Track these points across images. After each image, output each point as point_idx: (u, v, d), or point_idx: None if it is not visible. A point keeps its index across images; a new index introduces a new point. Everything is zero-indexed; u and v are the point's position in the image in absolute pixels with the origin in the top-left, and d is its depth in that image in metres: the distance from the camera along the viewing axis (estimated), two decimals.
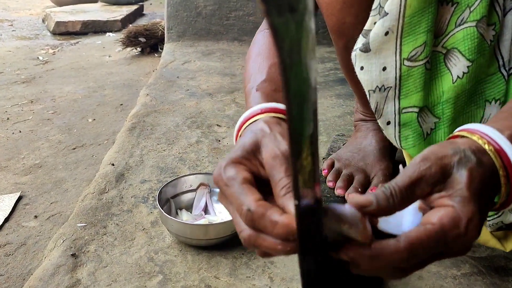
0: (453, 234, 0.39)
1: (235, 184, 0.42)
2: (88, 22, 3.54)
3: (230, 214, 0.45)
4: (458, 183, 0.40)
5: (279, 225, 0.38)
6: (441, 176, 0.41)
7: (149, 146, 1.17)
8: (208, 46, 2.14)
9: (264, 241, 0.40)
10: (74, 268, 0.74)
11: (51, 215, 1.15)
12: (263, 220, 0.39)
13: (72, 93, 2.09)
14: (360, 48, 0.65)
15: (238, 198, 0.41)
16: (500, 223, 0.68)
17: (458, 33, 0.62)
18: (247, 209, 0.40)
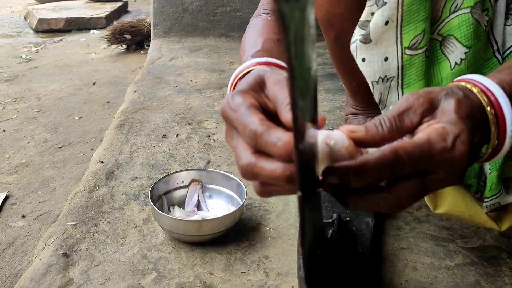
0: (439, 147, 0.39)
1: (242, 108, 0.42)
2: (71, 19, 3.48)
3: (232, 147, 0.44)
4: (446, 110, 0.41)
5: (281, 141, 0.37)
6: (428, 106, 0.42)
7: (139, 143, 1.16)
8: (195, 42, 2.13)
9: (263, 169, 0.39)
10: (66, 267, 0.73)
11: (39, 215, 1.13)
12: (266, 136, 0.38)
13: (57, 91, 2.05)
14: (360, 40, 0.65)
15: (243, 119, 0.41)
16: (497, 204, 0.69)
17: (453, 20, 0.62)
18: (250, 128, 0.39)
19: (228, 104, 0.43)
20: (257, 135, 0.38)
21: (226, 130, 0.45)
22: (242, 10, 2.10)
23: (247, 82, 0.45)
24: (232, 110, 0.42)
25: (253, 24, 0.77)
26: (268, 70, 0.47)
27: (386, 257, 0.77)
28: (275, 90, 0.43)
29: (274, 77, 0.45)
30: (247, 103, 0.42)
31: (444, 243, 0.80)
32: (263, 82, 0.45)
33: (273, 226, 0.84)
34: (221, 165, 1.06)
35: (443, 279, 0.72)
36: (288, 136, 0.37)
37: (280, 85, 0.43)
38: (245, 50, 0.67)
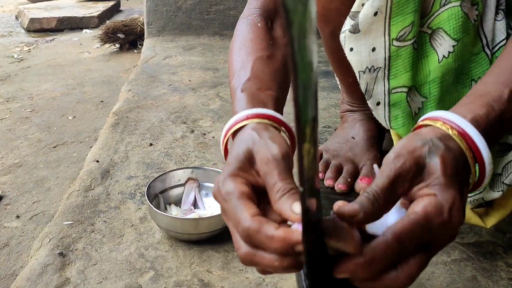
0: (438, 222, 0.39)
1: (232, 199, 0.42)
2: (63, 19, 3.46)
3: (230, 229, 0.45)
4: (434, 172, 0.42)
5: (275, 240, 0.38)
6: (416, 169, 0.42)
7: (134, 142, 1.15)
8: (189, 41, 2.12)
9: (262, 259, 0.40)
10: (62, 266, 0.72)
11: (34, 215, 1.12)
12: (259, 235, 0.39)
13: (50, 91, 2.04)
14: (349, 30, 0.65)
15: (235, 214, 0.41)
16: (481, 199, 0.69)
17: (443, 13, 0.63)
18: (242, 226, 0.40)
19: (219, 192, 0.44)
20: (250, 234, 0.39)
21: (221, 210, 0.46)
22: (236, 8, 2.10)
23: (236, 158, 0.46)
24: (223, 199, 0.43)
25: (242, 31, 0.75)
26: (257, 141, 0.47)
27: None
28: (264, 171, 0.44)
29: (263, 154, 0.45)
30: (238, 192, 0.43)
31: None
32: (252, 157, 0.46)
33: None
34: (217, 163, 1.06)
35: (440, 274, 0.72)
36: (282, 232, 0.38)
37: (268, 165, 0.44)
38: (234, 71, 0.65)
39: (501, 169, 0.66)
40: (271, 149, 0.45)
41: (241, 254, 0.42)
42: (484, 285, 0.70)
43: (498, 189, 0.66)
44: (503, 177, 0.66)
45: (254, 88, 0.60)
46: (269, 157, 0.44)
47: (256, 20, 0.76)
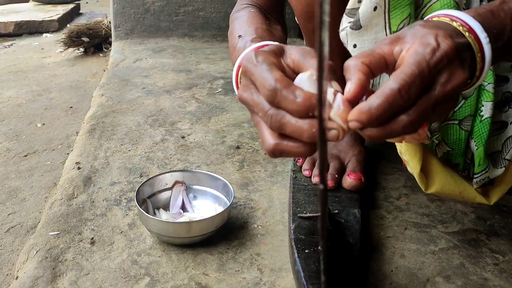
0: (428, 51, 0.41)
1: (264, 64, 0.44)
2: (21, 23, 3.34)
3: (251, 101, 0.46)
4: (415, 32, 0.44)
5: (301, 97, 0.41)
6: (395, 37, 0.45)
7: (113, 147, 1.13)
8: (158, 43, 2.09)
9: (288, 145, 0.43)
10: (53, 278, 0.70)
11: (11, 227, 1.08)
12: (285, 91, 0.41)
13: (14, 98, 1.96)
14: (350, 26, 0.66)
15: (264, 74, 0.43)
16: (487, 178, 0.72)
17: (435, 4, 0.65)
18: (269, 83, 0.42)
19: (251, 59, 0.46)
20: (277, 89, 0.42)
21: (244, 85, 0.48)
22: (205, 9, 2.09)
23: (267, 47, 0.48)
24: (254, 65, 0.45)
25: (238, 16, 0.79)
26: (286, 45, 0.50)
27: (374, 247, 0.79)
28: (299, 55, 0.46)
29: (296, 48, 0.48)
30: (269, 61, 0.45)
31: (427, 229, 0.83)
32: (283, 50, 0.48)
33: (260, 223, 0.85)
34: (200, 165, 1.05)
35: (430, 263, 0.75)
36: (308, 94, 0.40)
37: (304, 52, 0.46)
38: (237, 40, 0.69)
39: (501, 146, 0.69)
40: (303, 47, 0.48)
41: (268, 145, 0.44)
42: (472, 272, 0.73)
43: (501, 165, 0.69)
44: (504, 154, 0.69)
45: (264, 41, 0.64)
46: (304, 48, 0.47)
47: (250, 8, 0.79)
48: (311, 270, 0.66)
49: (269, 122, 0.43)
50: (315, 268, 0.67)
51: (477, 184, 0.73)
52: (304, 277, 0.65)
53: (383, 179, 0.99)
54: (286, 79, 0.42)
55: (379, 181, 0.98)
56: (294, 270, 0.69)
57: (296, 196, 0.84)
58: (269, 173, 1.02)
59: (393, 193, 0.94)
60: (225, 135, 1.20)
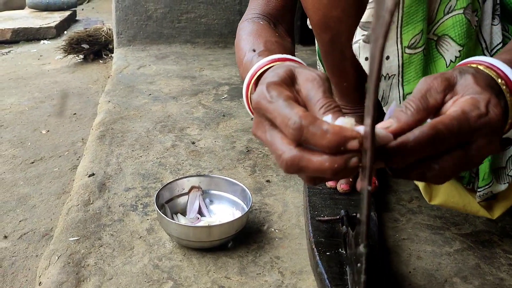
0: (475, 115, 0.41)
1: (280, 100, 0.41)
2: (19, 30, 3.33)
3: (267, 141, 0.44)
4: (467, 85, 0.44)
5: (330, 133, 0.37)
6: (447, 83, 0.44)
7: (125, 154, 1.13)
8: (161, 49, 2.10)
9: (310, 161, 0.39)
10: (78, 283, 0.71)
11: (23, 234, 1.08)
12: (313, 127, 0.38)
13: (16, 105, 1.96)
14: (363, 40, 0.68)
15: (284, 110, 0.40)
16: (490, 193, 0.74)
17: (447, 21, 0.67)
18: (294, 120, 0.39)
19: (264, 95, 0.43)
20: (303, 127, 0.38)
21: (257, 123, 0.45)
22: (207, 16, 2.10)
23: (277, 74, 0.45)
24: (269, 101, 0.42)
25: (246, 26, 0.78)
26: (297, 66, 0.47)
27: (391, 248, 0.80)
28: (308, 88, 0.44)
29: (306, 74, 0.45)
30: (284, 95, 0.42)
31: (440, 231, 0.85)
32: (294, 76, 0.46)
33: (277, 227, 0.86)
34: (213, 170, 1.06)
35: (447, 264, 0.76)
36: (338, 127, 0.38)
37: (313, 83, 0.44)
38: (245, 52, 0.68)
39: (505, 162, 0.70)
40: (314, 71, 0.45)
41: (286, 158, 0.40)
42: (488, 272, 0.75)
43: (504, 181, 0.70)
44: (508, 170, 0.70)
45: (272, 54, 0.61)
46: (313, 75, 0.44)
47: (258, 20, 0.79)
48: (333, 272, 0.67)
49: (284, 166, 0.41)
50: (338, 270, 0.68)
51: (480, 198, 0.74)
52: (327, 279, 0.66)
53: (394, 182, 1.01)
54: (309, 114, 0.39)
55: (390, 184, 1.00)
56: (316, 272, 0.70)
57: (312, 200, 0.85)
58: (282, 178, 1.03)
59: (404, 196, 0.96)
60: (234, 141, 1.22)
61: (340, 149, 0.38)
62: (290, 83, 0.45)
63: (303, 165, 0.40)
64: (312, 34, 1.09)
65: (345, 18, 0.77)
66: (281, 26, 0.84)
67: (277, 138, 0.42)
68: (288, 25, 0.87)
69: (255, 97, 0.44)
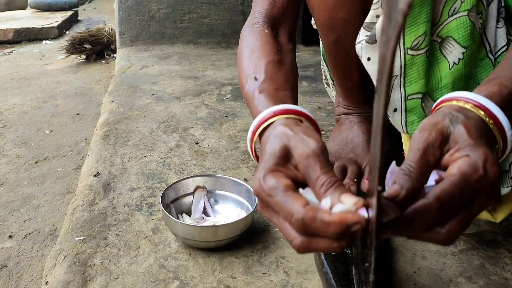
0: (475, 178, 0.42)
1: (279, 193, 0.44)
2: (21, 30, 3.34)
3: (275, 224, 0.46)
4: (460, 137, 0.45)
5: (332, 225, 0.40)
6: (442, 138, 0.46)
7: (129, 154, 1.14)
8: (163, 50, 2.11)
9: (319, 244, 0.42)
10: (84, 283, 0.71)
11: (28, 233, 1.09)
12: (314, 223, 0.41)
13: (19, 105, 1.97)
14: (366, 40, 0.68)
15: (285, 206, 0.43)
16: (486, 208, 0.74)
17: (451, 23, 0.67)
18: (297, 217, 0.41)
19: (262, 188, 0.45)
20: (305, 223, 0.41)
21: (261, 205, 0.47)
22: (210, 16, 2.11)
23: (273, 154, 0.47)
24: (268, 195, 0.44)
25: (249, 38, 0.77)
26: (292, 137, 0.48)
27: (395, 248, 0.80)
28: (305, 165, 0.45)
29: (301, 150, 0.46)
30: (282, 186, 0.44)
31: None
32: (289, 153, 0.47)
33: None
34: (217, 170, 1.07)
35: (452, 264, 0.77)
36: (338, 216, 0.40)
37: (308, 160, 0.45)
38: (248, 75, 0.68)
39: (508, 166, 0.71)
40: (309, 143, 0.46)
41: (297, 244, 0.43)
42: (492, 272, 0.75)
43: (507, 185, 0.71)
44: (511, 173, 0.71)
45: (272, 89, 0.63)
46: (308, 151, 0.46)
47: (262, 28, 0.79)
48: (339, 272, 0.68)
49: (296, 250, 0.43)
50: (343, 270, 0.68)
51: None
52: (333, 279, 0.67)
53: None
54: (311, 207, 0.41)
55: None
56: (322, 272, 0.70)
57: None
58: None
59: None
60: (238, 141, 1.22)
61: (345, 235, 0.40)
62: (285, 161, 0.47)
63: (313, 248, 0.43)
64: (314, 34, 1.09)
65: (351, 19, 0.77)
66: (284, 29, 0.83)
67: (285, 225, 0.44)
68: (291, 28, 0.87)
69: (254, 186, 0.46)
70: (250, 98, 0.63)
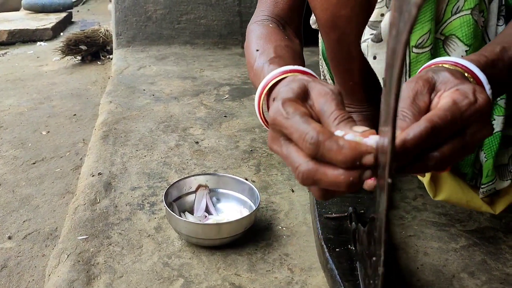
0: (465, 103, 0.44)
1: (297, 116, 0.43)
2: (15, 32, 3.32)
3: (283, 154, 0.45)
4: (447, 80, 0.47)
5: (345, 149, 0.39)
6: (428, 84, 0.48)
7: (129, 153, 1.14)
8: (160, 50, 2.11)
9: (325, 174, 0.41)
10: (89, 281, 0.71)
11: (27, 234, 1.08)
12: (328, 144, 0.40)
13: (15, 106, 1.96)
14: (372, 39, 0.69)
15: (301, 126, 0.42)
16: (493, 189, 0.75)
17: (454, 21, 0.68)
18: (311, 135, 0.40)
19: (280, 112, 0.44)
20: (319, 142, 0.40)
21: (272, 137, 0.47)
22: (206, 17, 2.11)
23: (291, 90, 0.47)
24: (285, 117, 0.44)
25: (255, 29, 0.79)
26: (311, 80, 0.49)
27: (398, 245, 0.81)
28: (321, 102, 0.46)
29: (319, 88, 0.47)
30: (301, 111, 0.44)
31: (446, 228, 0.86)
32: (307, 91, 0.48)
33: (284, 225, 0.87)
34: (217, 169, 1.07)
35: (454, 260, 0.77)
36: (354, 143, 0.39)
37: (325, 97, 0.46)
38: (255, 57, 0.69)
39: (507, 159, 0.71)
40: (327, 85, 0.47)
41: (303, 170, 0.41)
42: (494, 267, 0.76)
43: (507, 178, 0.71)
44: (510, 167, 0.72)
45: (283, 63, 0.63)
46: (326, 90, 0.46)
47: (268, 23, 0.79)
48: (344, 268, 0.68)
49: (300, 178, 0.42)
50: (348, 266, 0.69)
51: (483, 194, 0.76)
52: (338, 275, 0.67)
53: (398, 181, 1.01)
54: (326, 129, 0.41)
55: (394, 182, 1.01)
56: (327, 269, 0.71)
57: None
58: (286, 176, 1.04)
59: (409, 194, 0.97)
60: (238, 140, 1.22)
61: (356, 163, 0.39)
62: (304, 98, 0.47)
63: (318, 178, 0.41)
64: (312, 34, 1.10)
65: (354, 17, 0.78)
66: (289, 27, 0.84)
67: (293, 152, 0.43)
68: (296, 27, 0.88)
69: (271, 113, 0.45)
70: (259, 72, 0.63)
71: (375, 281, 0.48)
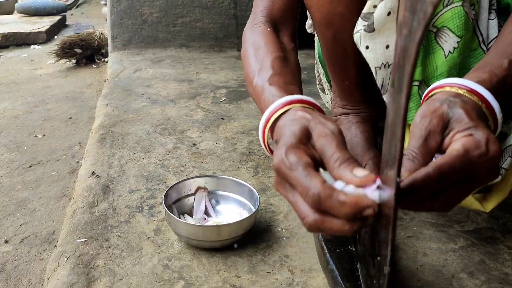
0: (476, 154, 0.44)
1: (299, 168, 0.45)
2: (8, 35, 3.30)
3: (289, 201, 0.47)
4: (460, 120, 0.48)
5: (347, 204, 0.41)
6: (442, 123, 0.48)
7: (126, 156, 1.13)
8: (156, 53, 2.10)
9: (331, 224, 0.43)
10: (89, 284, 0.71)
11: (24, 237, 1.07)
12: (330, 200, 0.42)
13: (10, 110, 1.94)
14: (365, 29, 0.70)
15: (304, 181, 0.44)
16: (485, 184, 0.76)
17: (446, 13, 0.69)
18: (313, 191, 0.42)
19: (283, 162, 0.46)
20: (321, 199, 0.42)
21: (278, 182, 0.48)
22: (202, 20, 2.11)
23: (293, 134, 0.49)
24: (288, 168, 0.45)
25: (252, 38, 0.79)
26: (311, 119, 0.51)
27: (397, 246, 0.81)
28: (322, 143, 0.47)
29: (320, 130, 0.49)
30: (303, 162, 0.45)
31: (444, 228, 0.86)
32: (308, 133, 0.49)
33: (284, 227, 0.87)
34: (216, 172, 1.07)
35: (453, 260, 0.78)
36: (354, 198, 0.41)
37: (326, 138, 0.47)
38: (255, 71, 0.70)
39: None
40: (327, 125, 0.49)
41: (309, 221, 0.44)
42: (493, 267, 0.76)
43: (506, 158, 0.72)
44: (501, 162, 0.72)
45: (281, 82, 0.65)
46: (326, 131, 0.48)
47: (264, 27, 0.80)
48: (345, 269, 0.68)
49: (307, 228, 0.44)
50: (348, 267, 0.69)
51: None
52: (339, 276, 0.67)
53: None
54: (328, 185, 0.43)
55: None
56: (327, 270, 0.71)
57: None
58: None
59: None
60: (235, 142, 1.22)
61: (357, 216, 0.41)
62: (305, 140, 0.49)
63: (324, 227, 0.44)
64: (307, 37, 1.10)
65: (349, 14, 0.78)
66: (285, 30, 0.85)
67: (299, 201, 0.45)
68: (291, 28, 0.89)
69: (275, 161, 0.47)
70: (259, 91, 0.65)
71: (379, 280, 0.48)
